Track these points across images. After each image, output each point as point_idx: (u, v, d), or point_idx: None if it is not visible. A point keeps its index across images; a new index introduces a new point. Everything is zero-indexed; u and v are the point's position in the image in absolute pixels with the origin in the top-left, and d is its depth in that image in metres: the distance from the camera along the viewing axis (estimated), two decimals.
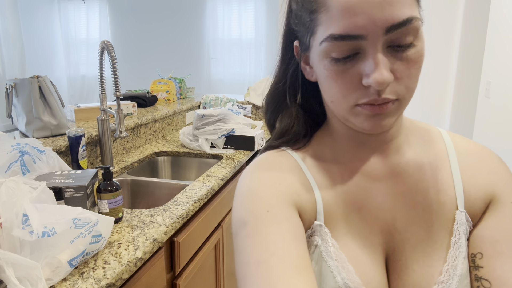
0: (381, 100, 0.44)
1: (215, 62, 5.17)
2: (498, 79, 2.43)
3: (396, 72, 0.43)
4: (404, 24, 0.41)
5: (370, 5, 0.40)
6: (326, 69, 0.45)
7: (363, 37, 0.41)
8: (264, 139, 2.02)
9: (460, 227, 0.50)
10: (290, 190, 0.50)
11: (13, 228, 0.79)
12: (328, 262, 0.48)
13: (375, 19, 0.40)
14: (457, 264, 0.48)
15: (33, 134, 1.49)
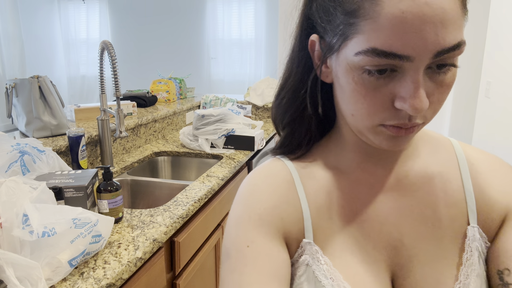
0: (411, 124, 0.41)
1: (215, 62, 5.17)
2: (498, 79, 2.43)
3: (430, 97, 0.40)
4: (453, 49, 0.37)
5: (425, 23, 0.36)
6: (355, 82, 0.41)
7: (409, 59, 0.37)
8: (264, 139, 2.02)
9: (472, 243, 0.47)
10: (273, 217, 0.48)
11: (13, 228, 0.79)
12: (322, 281, 0.45)
13: (427, 41, 0.36)
14: (469, 283, 0.46)
15: (33, 134, 1.49)
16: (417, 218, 0.48)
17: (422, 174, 0.50)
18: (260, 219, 0.47)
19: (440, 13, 0.35)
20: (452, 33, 0.37)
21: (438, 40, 0.36)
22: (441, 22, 0.36)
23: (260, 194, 0.49)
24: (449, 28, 0.36)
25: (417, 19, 0.35)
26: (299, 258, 0.48)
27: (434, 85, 0.40)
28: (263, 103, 2.53)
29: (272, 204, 0.48)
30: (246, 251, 0.45)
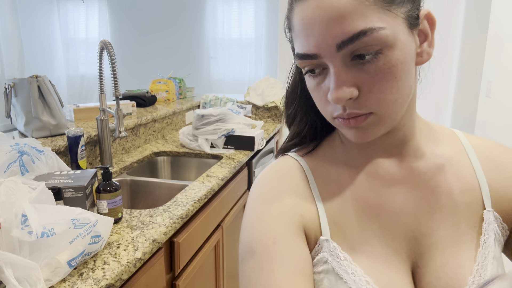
0: (347, 115, 0.44)
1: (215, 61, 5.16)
2: (499, 78, 2.43)
3: (363, 86, 0.42)
4: (356, 38, 0.40)
5: (318, 26, 0.41)
6: (307, 82, 0.47)
7: (318, 56, 0.42)
8: (264, 139, 2.01)
9: (489, 226, 0.49)
10: (294, 213, 0.49)
11: (12, 228, 0.79)
12: (344, 277, 0.46)
13: (325, 38, 0.41)
14: (487, 264, 0.47)
15: (32, 134, 1.49)
16: (433, 207, 0.49)
17: (431, 164, 0.51)
18: (284, 216, 0.48)
19: (331, 11, 0.40)
20: (351, 25, 0.40)
21: (333, 34, 0.40)
22: (334, 19, 0.40)
23: (279, 191, 0.50)
24: (345, 21, 0.40)
25: (312, 22, 0.41)
26: (316, 255, 0.48)
27: (365, 74, 0.42)
28: (263, 103, 2.53)
29: (292, 201, 0.49)
30: (272, 248, 0.46)
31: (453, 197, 0.50)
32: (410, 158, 0.51)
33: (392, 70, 0.42)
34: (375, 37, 0.40)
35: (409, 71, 0.44)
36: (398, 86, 0.43)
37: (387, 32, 0.41)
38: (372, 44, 0.41)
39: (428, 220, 0.49)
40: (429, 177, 0.51)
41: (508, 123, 2.23)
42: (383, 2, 0.41)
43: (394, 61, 0.42)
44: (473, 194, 0.50)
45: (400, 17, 0.42)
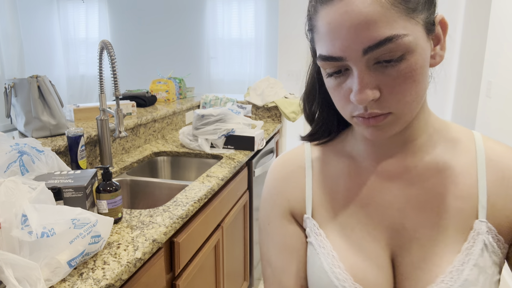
0: (368, 114, 0.46)
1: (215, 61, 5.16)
2: (499, 78, 2.43)
3: (384, 88, 0.45)
4: (382, 44, 0.42)
5: (347, 30, 0.43)
6: (326, 82, 0.50)
7: (343, 59, 0.45)
8: (264, 139, 2.01)
9: (478, 236, 0.50)
10: (282, 200, 0.60)
11: (12, 228, 0.79)
12: (317, 249, 0.55)
13: (351, 43, 0.43)
14: (463, 269, 0.49)
15: (32, 134, 1.49)
16: (422, 206, 0.52)
17: (432, 166, 0.53)
18: (274, 203, 0.60)
19: (359, 17, 0.42)
20: (378, 31, 0.42)
21: (361, 40, 0.43)
22: (362, 24, 0.42)
23: (275, 181, 0.61)
24: (372, 27, 0.42)
25: (339, 26, 0.43)
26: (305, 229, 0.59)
27: (387, 77, 0.45)
28: (263, 103, 2.52)
29: (282, 189, 0.60)
30: (267, 228, 0.60)
31: (445, 201, 0.51)
32: (411, 157, 0.53)
33: (413, 74, 0.44)
34: (399, 44, 0.43)
35: (426, 74, 0.47)
36: (416, 88, 0.45)
37: (410, 39, 0.43)
38: (396, 50, 0.43)
39: (415, 217, 0.52)
40: (426, 178, 0.53)
41: (508, 123, 2.23)
42: (406, 10, 0.43)
43: (414, 65, 0.44)
44: (468, 202, 0.51)
45: (420, 23, 0.45)
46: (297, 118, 2.49)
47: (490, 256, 0.50)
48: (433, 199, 0.52)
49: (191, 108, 2.47)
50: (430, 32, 0.47)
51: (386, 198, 0.53)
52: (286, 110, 2.46)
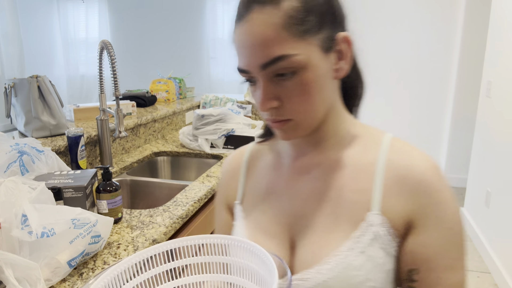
0: (272, 120, 0.55)
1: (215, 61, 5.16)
2: (499, 78, 2.43)
3: (284, 98, 0.53)
4: (274, 61, 0.50)
5: (247, 49, 0.51)
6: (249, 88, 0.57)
7: (248, 72, 0.53)
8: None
9: (369, 227, 0.55)
10: (223, 194, 0.71)
11: (12, 228, 0.79)
12: (237, 230, 0.65)
13: (251, 60, 0.51)
14: (349, 255, 0.54)
15: (32, 134, 1.49)
16: (322, 197, 0.59)
17: (336, 164, 0.60)
18: (219, 193, 0.72)
19: (256, 38, 0.50)
20: (271, 51, 0.49)
21: (258, 57, 0.50)
22: (259, 45, 0.50)
23: (221, 175, 0.73)
24: (266, 47, 0.49)
25: (243, 45, 0.51)
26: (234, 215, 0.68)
27: (285, 89, 0.52)
28: None
29: (224, 182, 0.71)
30: (215, 214, 0.74)
31: (342, 194, 0.58)
32: (320, 156, 0.61)
33: (305, 87, 0.51)
34: (289, 62, 0.50)
35: (322, 87, 0.53)
36: (310, 100, 0.53)
37: (300, 58, 0.50)
38: (288, 67, 0.50)
39: (314, 206, 0.59)
40: (329, 173, 0.60)
41: (508, 123, 2.23)
42: (299, 33, 0.50)
43: (305, 80, 0.51)
44: (362, 195, 0.56)
45: (313, 44, 0.51)
46: None
47: (381, 246, 0.55)
48: (332, 191, 0.59)
49: (191, 108, 2.47)
50: (328, 50, 0.53)
51: (295, 189, 0.62)
52: None
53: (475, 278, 2.29)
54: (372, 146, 0.60)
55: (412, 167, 0.55)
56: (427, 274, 0.54)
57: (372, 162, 0.58)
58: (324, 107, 0.55)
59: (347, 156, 0.60)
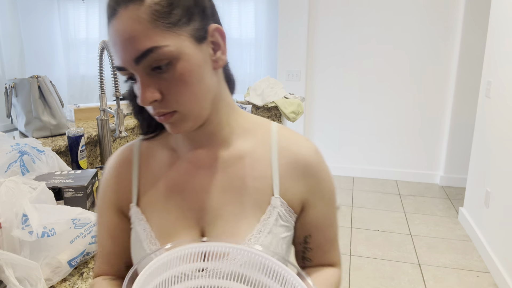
0: (156, 113, 0.55)
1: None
2: (498, 79, 2.43)
3: (164, 90, 0.53)
4: (145, 54, 0.51)
5: (118, 46, 0.52)
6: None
7: (125, 69, 0.53)
8: None
9: (274, 209, 0.61)
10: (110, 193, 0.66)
11: (13, 228, 0.79)
12: (139, 232, 0.63)
13: (124, 56, 0.52)
14: (260, 237, 0.60)
15: (33, 134, 1.49)
16: (226, 188, 0.62)
17: (234, 155, 0.63)
18: (104, 195, 0.67)
19: (125, 34, 0.50)
20: (141, 44, 0.50)
21: (129, 52, 0.51)
22: (128, 40, 0.50)
23: (106, 176, 0.68)
24: (136, 42, 0.50)
25: (114, 43, 0.52)
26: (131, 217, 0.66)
27: (164, 81, 0.53)
28: (263, 103, 2.53)
29: (111, 184, 0.67)
30: (98, 218, 0.68)
31: (245, 182, 0.61)
32: (217, 148, 0.63)
33: (182, 77, 0.52)
34: (161, 53, 0.50)
35: (201, 76, 0.54)
36: (191, 89, 0.53)
37: (171, 49, 0.51)
38: (162, 59, 0.51)
39: (220, 197, 0.61)
40: (229, 164, 0.62)
41: (508, 123, 2.23)
42: (165, 25, 0.51)
43: (182, 70, 0.52)
44: (264, 181, 0.62)
45: (183, 35, 0.52)
46: (297, 118, 2.50)
47: (282, 224, 0.62)
48: (235, 181, 0.61)
49: None
50: (201, 40, 0.54)
51: (198, 183, 0.62)
52: (286, 110, 2.47)
53: (475, 278, 2.29)
54: (264, 136, 0.65)
55: (300, 153, 0.63)
56: (317, 236, 0.67)
57: (267, 151, 0.63)
58: (208, 97, 0.57)
59: (243, 147, 0.63)
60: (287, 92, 2.67)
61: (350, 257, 2.53)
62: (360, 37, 3.69)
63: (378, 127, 3.85)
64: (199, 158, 0.63)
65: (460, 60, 3.47)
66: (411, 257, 2.52)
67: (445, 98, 3.66)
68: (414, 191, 3.63)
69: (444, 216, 3.12)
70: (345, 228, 2.92)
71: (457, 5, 3.44)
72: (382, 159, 3.92)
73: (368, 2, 3.59)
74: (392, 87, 3.74)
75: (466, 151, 3.57)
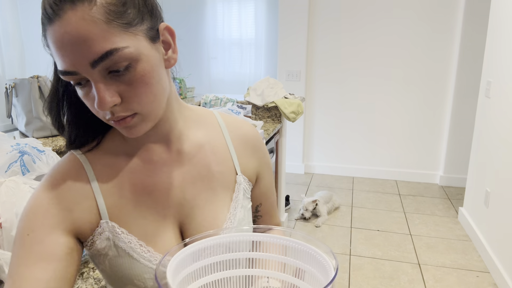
0: (115, 118, 0.52)
1: (215, 62, 5.17)
2: (498, 79, 2.43)
3: (124, 93, 0.51)
4: (105, 57, 0.47)
5: (70, 48, 0.47)
6: (78, 92, 0.53)
7: (76, 73, 0.49)
8: (264, 139, 2.02)
9: (240, 186, 0.68)
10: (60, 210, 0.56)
11: (13, 228, 0.79)
12: (123, 246, 0.58)
13: (77, 59, 0.47)
14: (236, 213, 0.66)
15: (33, 134, 1.49)
16: (195, 178, 0.64)
17: (194, 145, 0.64)
18: (46, 213, 0.55)
19: (78, 36, 0.46)
20: (97, 47, 0.47)
21: (85, 55, 0.47)
22: (82, 42, 0.46)
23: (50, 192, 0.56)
24: (92, 44, 0.47)
25: (64, 45, 0.47)
26: (99, 236, 0.58)
27: (123, 84, 0.50)
28: (263, 103, 2.53)
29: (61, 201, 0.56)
30: (26, 238, 0.54)
31: (210, 169, 0.65)
32: (176, 143, 0.63)
33: (143, 78, 0.51)
34: (121, 55, 0.48)
35: (159, 76, 0.53)
36: (152, 89, 0.52)
37: (131, 50, 0.49)
38: (121, 61, 0.48)
39: (192, 189, 0.63)
40: (192, 155, 0.64)
41: (508, 123, 2.23)
42: (122, 25, 0.48)
43: (142, 71, 0.50)
44: (227, 164, 0.67)
45: (139, 35, 0.50)
46: (297, 118, 2.50)
47: (247, 197, 0.69)
48: (201, 170, 0.64)
49: None
50: (155, 40, 0.53)
51: (166, 181, 0.62)
52: (286, 110, 2.47)
53: (474, 278, 2.30)
54: (213, 123, 0.69)
55: (247, 133, 0.71)
56: (266, 204, 0.76)
57: (220, 136, 0.68)
58: (165, 96, 0.57)
59: (199, 137, 0.66)
60: (287, 92, 2.67)
61: (350, 257, 2.53)
62: (360, 37, 3.69)
63: (378, 127, 3.86)
64: (161, 156, 0.62)
65: (460, 60, 3.47)
66: (411, 257, 2.53)
67: (445, 98, 3.66)
68: (414, 191, 3.63)
69: (444, 216, 3.12)
70: (345, 228, 2.92)
71: (457, 5, 3.44)
72: (382, 159, 3.92)
73: (368, 2, 3.60)
74: (392, 87, 3.74)
75: (466, 151, 3.57)
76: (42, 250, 0.53)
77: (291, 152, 4.07)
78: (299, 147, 4.05)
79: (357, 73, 3.78)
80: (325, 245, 0.51)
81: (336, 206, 3.22)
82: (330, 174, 4.07)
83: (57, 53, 0.49)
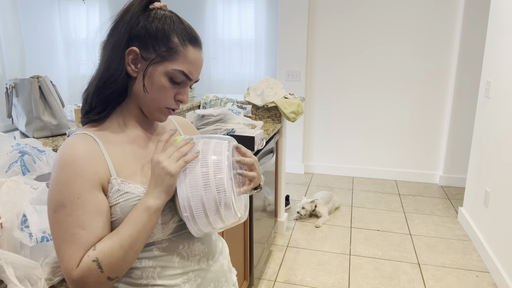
0: (175, 108, 0.83)
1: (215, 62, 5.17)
2: (498, 79, 2.43)
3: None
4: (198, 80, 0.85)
5: (199, 68, 0.82)
6: (164, 82, 0.79)
7: (190, 79, 0.81)
8: (264, 139, 2.02)
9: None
10: (90, 174, 0.73)
11: (14, 228, 0.80)
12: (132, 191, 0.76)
13: (197, 75, 0.83)
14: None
15: (33, 134, 1.50)
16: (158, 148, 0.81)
17: (160, 128, 0.91)
18: (83, 179, 0.72)
19: (200, 63, 0.83)
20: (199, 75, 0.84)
21: (198, 74, 0.83)
22: (200, 67, 0.83)
23: (78, 161, 0.73)
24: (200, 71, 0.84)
25: (197, 64, 0.82)
26: (111, 189, 0.75)
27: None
28: (263, 103, 2.53)
29: (89, 165, 0.74)
30: (77, 202, 0.71)
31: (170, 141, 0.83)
32: (154, 129, 0.89)
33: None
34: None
35: None
36: None
37: None
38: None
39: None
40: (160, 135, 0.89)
41: (507, 123, 2.23)
42: None
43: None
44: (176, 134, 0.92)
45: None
46: (297, 118, 2.50)
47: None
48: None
49: (192, 108, 2.48)
50: None
51: (150, 151, 0.85)
52: (286, 110, 2.47)
53: (474, 278, 2.30)
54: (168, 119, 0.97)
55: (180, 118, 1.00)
56: None
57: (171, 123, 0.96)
58: None
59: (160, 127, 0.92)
60: (287, 92, 2.67)
61: (349, 256, 2.53)
62: (359, 37, 3.69)
63: (378, 127, 3.86)
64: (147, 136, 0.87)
65: (460, 60, 3.47)
66: (410, 256, 2.53)
67: (445, 98, 3.66)
68: (414, 191, 3.64)
69: (444, 216, 3.12)
70: (344, 228, 2.92)
71: (456, 5, 3.44)
72: (381, 159, 3.92)
73: (368, 2, 3.60)
74: (391, 87, 3.74)
75: (466, 151, 3.57)
76: (93, 207, 0.72)
77: (291, 152, 4.07)
78: (299, 147, 4.06)
79: (357, 73, 3.78)
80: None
81: (336, 206, 3.22)
82: (330, 174, 4.07)
83: (191, 66, 0.80)
